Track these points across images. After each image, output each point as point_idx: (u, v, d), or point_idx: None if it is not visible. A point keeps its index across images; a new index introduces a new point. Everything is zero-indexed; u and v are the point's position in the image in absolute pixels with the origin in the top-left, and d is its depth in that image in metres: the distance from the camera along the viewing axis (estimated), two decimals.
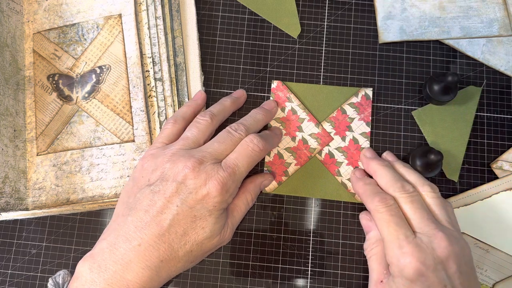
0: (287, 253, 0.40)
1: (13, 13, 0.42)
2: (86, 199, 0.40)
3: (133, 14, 0.41)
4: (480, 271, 0.39)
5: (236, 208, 0.37)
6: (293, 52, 0.43)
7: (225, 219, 0.35)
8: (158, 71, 0.41)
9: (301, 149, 0.41)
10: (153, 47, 0.41)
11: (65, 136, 0.41)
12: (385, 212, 0.34)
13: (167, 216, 0.33)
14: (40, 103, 0.42)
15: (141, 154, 0.40)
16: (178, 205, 0.33)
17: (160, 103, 0.41)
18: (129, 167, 0.40)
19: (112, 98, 0.41)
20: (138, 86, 0.40)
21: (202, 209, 0.33)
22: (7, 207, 0.38)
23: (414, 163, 0.39)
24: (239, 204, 0.37)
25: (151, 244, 0.32)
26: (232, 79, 0.43)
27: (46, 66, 0.42)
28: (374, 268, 0.35)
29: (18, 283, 0.40)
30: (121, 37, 0.41)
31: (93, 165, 0.40)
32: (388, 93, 0.42)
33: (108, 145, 0.40)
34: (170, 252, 0.33)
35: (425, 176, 0.39)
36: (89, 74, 0.42)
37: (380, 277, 0.34)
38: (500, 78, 0.42)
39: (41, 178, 0.40)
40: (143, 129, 0.40)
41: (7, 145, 0.39)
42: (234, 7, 0.44)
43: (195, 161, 0.34)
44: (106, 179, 0.40)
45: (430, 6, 0.44)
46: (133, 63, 0.41)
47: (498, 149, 0.41)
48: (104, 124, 0.41)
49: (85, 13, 0.42)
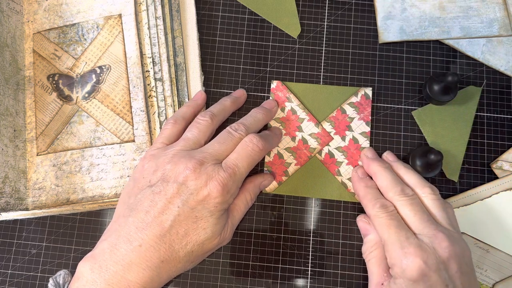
0: (287, 253, 0.40)
1: (13, 13, 0.42)
2: (86, 199, 0.40)
3: (133, 14, 0.41)
4: (480, 271, 0.39)
5: (236, 207, 0.37)
6: (293, 52, 0.43)
7: (225, 219, 0.36)
8: (158, 71, 0.41)
9: (301, 149, 0.41)
10: (153, 47, 0.41)
11: (65, 136, 0.41)
12: (385, 217, 0.34)
13: (168, 217, 0.33)
14: (40, 103, 0.42)
15: (141, 154, 0.40)
16: (179, 206, 0.33)
17: (160, 103, 0.41)
18: (129, 167, 0.40)
19: (112, 98, 0.41)
20: (138, 86, 0.40)
21: (203, 210, 0.33)
22: (7, 207, 0.38)
23: (414, 163, 0.39)
24: (238, 204, 0.37)
25: (152, 244, 0.33)
26: (232, 79, 0.43)
27: (46, 66, 0.42)
28: (374, 271, 0.35)
29: (18, 283, 0.40)
30: (121, 37, 0.41)
31: (93, 165, 0.40)
32: (388, 93, 0.42)
33: (108, 145, 0.40)
34: (170, 253, 0.33)
35: (425, 176, 0.39)
36: (89, 74, 0.42)
37: (381, 280, 0.34)
38: (500, 78, 0.42)
39: (41, 178, 0.40)
40: (143, 129, 0.40)
41: (7, 145, 0.39)
42: (234, 7, 0.44)
43: (196, 162, 0.34)
44: (106, 179, 0.40)
45: (430, 6, 0.44)
46: (133, 63, 0.41)
47: (498, 149, 0.41)
48: (104, 124, 0.41)
49: (85, 13, 0.42)
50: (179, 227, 0.33)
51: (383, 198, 0.36)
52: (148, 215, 0.33)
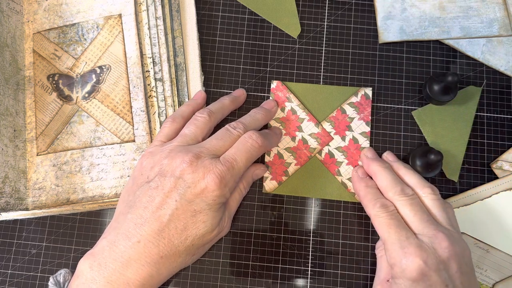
0: (287, 253, 0.40)
1: (13, 13, 0.42)
2: (86, 199, 0.40)
3: (133, 14, 0.41)
4: (480, 271, 0.39)
5: (232, 197, 0.37)
6: (293, 52, 0.43)
7: (223, 211, 0.36)
8: (159, 71, 0.41)
9: (301, 149, 0.41)
10: (153, 47, 0.41)
11: (65, 136, 0.41)
12: (385, 216, 0.34)
13: (166, 212, 0.33)
14: (40, 103, 0.42)
15: (141, 154, 0.40)
16: (177, 199, 0.33)
17: (160, 103, 0.41)
18: (129, 167, 0.40)
19: (112, 98, 0.41)
20: (138, 86, 0.40)
21: (201, 203, 0.33)
22: (7, 207, 0.38)
23: (414, 163, 0.39)
24: (234, 194, 0.38)
25: (150, 240, 0.32)
26: (232, 79, 0.43)
27: (46, 66, 0.42)
28: (383, 266, 0.36)
29: (18, 283, 0.40)
30: (121, 37, 0.41)
31: (93, 165, 0.40)
32: (388, 93, 0.42)
33: (109, 145, 0.40)
34: (170, 248, 0.33)
35: (424, 176, 0.39)
36: (89, 74, 0.42)
37: (387, 276, 0.35)
38: (500, 78, 0.42)
39: (41, 178, 0.40)
40: (144, 129, 0.40)
41: (7, 145, 0.39)
42: (234, 7, 0.44)
43: (192, 155, 0.34)
44: (106, 179, 0.40)
45: (430, 6, 0.44)
46: (133, 63, 0.41)
47: (498, 149, 0.41)
48: (104, 124, 0.41)
49: (85, 13, 0.42)
50: (178, 222, 0.33)
51: (383, 198, 0.36)
52: (146, 210, 0.33)
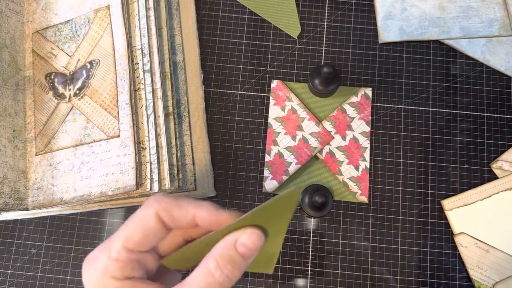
0: (287, 253, 0.40)
1: (12, 14, 0.42)
2: (76, 198, 0.38)
3: (119, 4, 0.39)
4: (480, 271, 0.39)
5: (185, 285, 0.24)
6: (293, 52, 0.43)
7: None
8: (147, 63, 0.39)
9: (301, 148, 0.41)
10: (143, 38, 0.39)
11: (60, 135, 0.40)
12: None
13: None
14: (39, 102, 0.42)
15: (125, 149, 0.38)
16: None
17: (148, 96, 0.39)
18: (113, 163, 0.38)
19: (100, 93, 0.40)
20: (124, 79, 0.39)
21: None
22: (6, 207, 0.37)
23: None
24: (194, 276, 0.24)
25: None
26: (232, 79, 0.43)
27: (44, 65, 0.42)
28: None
29: (18, 283, 0.40)
30: (109, 29, 0.40)
31: (83, 163, 0.39)
32: (388, 93, 0.42)
33: (97, 142, 0.39)
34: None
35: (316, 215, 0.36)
36: (81, 70, 0.41)
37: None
38: (500, 78, 0.42)
39: (39, 178, 0.40)
40: (128, 122, 0.38)
41: (5, 145, 0.39)
42: (234, 7, 0.44)
43: None
44: (94, 177, 0.38)
45: (430, 6, 0.44)
46: (120, 55, 0.39)
47: (498, 149, 0.41)
48: (93, 121, 0.39)
49: (78, 8, 0.41)
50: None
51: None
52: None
